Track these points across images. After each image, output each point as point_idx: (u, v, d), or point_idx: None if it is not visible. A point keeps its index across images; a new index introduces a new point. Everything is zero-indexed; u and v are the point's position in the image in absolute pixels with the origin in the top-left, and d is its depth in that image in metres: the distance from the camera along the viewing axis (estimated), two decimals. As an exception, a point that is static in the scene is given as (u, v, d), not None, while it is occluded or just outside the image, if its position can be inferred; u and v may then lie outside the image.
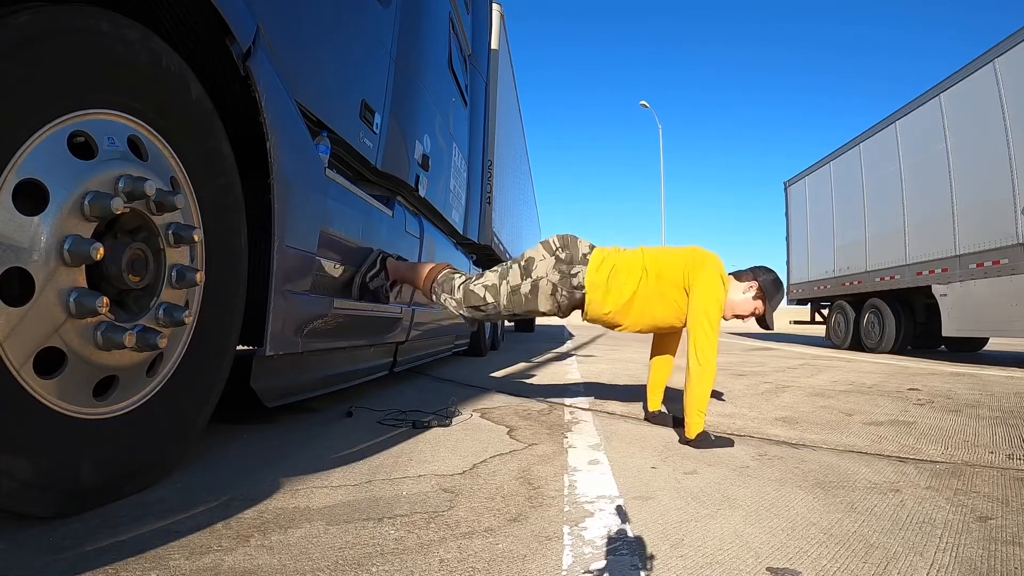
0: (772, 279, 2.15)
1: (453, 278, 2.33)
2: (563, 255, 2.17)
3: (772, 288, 2.14)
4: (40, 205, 0.99)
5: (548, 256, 2.19)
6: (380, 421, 2.23)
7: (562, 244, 2.20)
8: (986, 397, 3.39)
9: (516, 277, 2.20)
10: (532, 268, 2.19)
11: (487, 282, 2.24)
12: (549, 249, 2.21)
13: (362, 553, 1.02)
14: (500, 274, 2.25)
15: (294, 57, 1.76)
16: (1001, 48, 5.99)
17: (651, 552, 1.07)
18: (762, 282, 2.13)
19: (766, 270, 2.19)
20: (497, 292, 2.21)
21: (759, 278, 2.14)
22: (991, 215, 6.05)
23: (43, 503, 1.03)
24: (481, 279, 2.27)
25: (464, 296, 2.25)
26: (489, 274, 2.28)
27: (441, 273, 2.35)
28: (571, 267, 2.16)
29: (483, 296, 2.23)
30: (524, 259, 2.24)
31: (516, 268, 2.22)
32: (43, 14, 0.98)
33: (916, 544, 1.13)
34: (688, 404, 1.95)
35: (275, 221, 1.58)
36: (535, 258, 2.22)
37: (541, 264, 2.19)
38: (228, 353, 1.55)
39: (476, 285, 2.25)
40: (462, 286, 2.28)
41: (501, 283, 2.21)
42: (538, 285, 2.17)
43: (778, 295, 2.17)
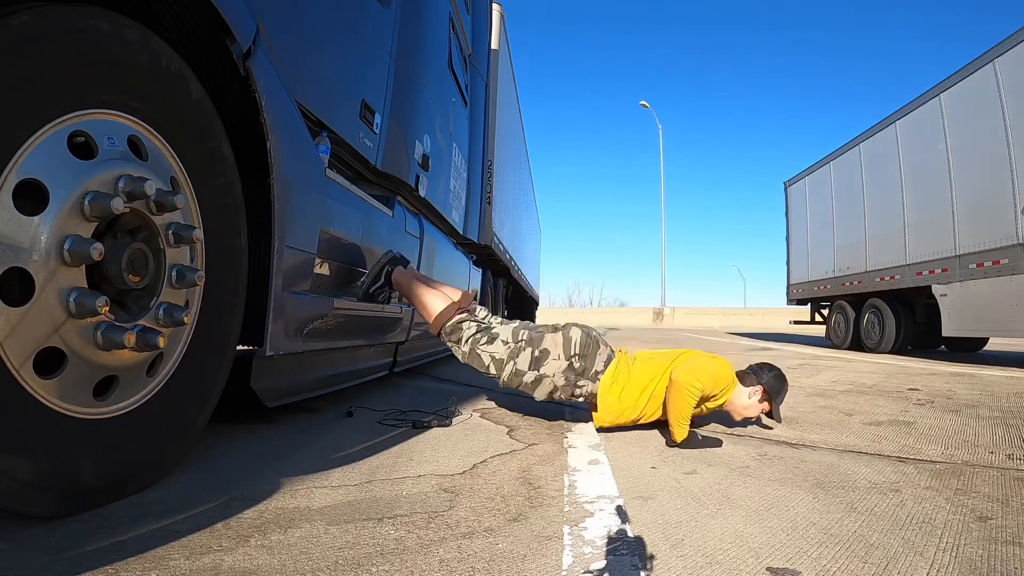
0: (775, 376, 2.17)
1: (462, 328, 2.23)
2: (577, 364, 2.13)
3: (776, 386, 2.16)
4: (40, 205, 0.99)
5: (563, 359, 2.14)
6: (380, 421, 2.23)
7: (581, 352, 2.14)
8: (986, 397, 3.39)
9: (524, 364, 2.15)
10: (543, 363, 2.14)
11: (495, 354, 2.17)
12: (567, 351, 2.14)
13: (362, 553, 1.02)
14: (510, 352, 2.16)
15: (294, 57, 1.76)
16: (1001, 48, 5.99)
17: (651, 552, 1.07)
18: (766, 384, 2.15)
19: (768, 368, 2.20)
20: (501, 368, 2.16)
21: (763, 380, 2.15)
22: (991, 215, 6.04)
23: (43, 503, 1.03)
24: (490, 347, 2.17)
25: (470, 353, 2.21)
26: (499, 344, 2.17)
27: (451, 321, 2.24)
28: (579, 379, 2.14)
29: (487, 365, 2.18)
30: (539, 348, 2.15)
31: (527, 354, 2.15)
32: (43, 14, 0.98)
33: (916, 544, 1.13)
34: (671, 418, 1.97)
35: (275, 221, 1.58)
36: (549, 353, 2.15)
37: (553, 363, 2.14)
38: (228, 353, 1.55)
39: (483, 351, 2.18)
40: (470, 342, 2.20)
41: (508, 362, 2.15)
42: (541, 381, 2.15)
43: (783, 391, 2.19)
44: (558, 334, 2.19)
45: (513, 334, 2.20)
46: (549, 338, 2.18)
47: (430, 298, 2.33)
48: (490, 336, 2.20)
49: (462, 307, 2.28)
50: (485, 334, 2.21)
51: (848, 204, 9.35)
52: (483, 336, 2.20)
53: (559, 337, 2.17)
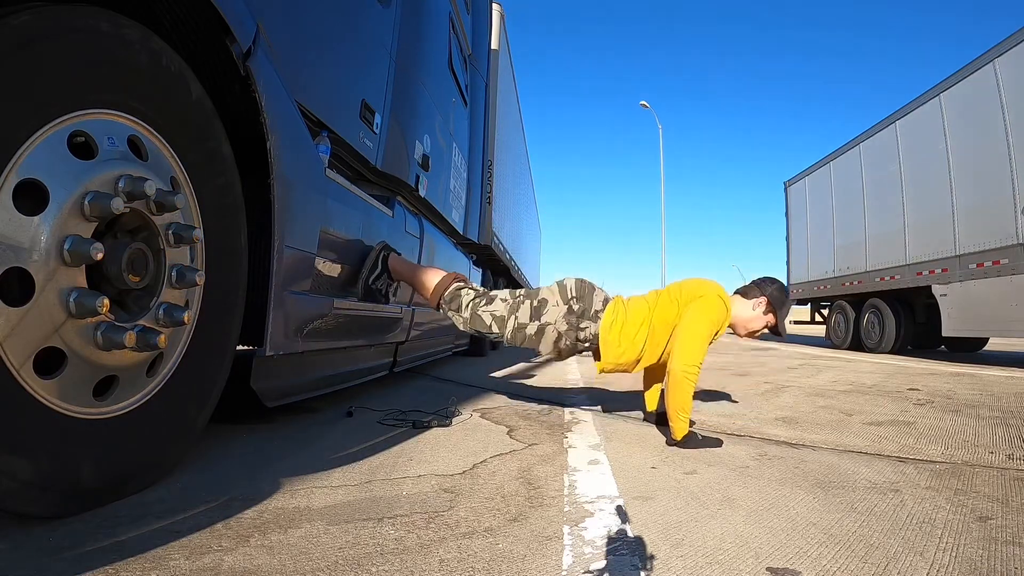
0: (778, 288, 2.18)
1: (461, 295, 2.28)
2: (576, 307, 2.16)
3: (780, 298, 2.16)
4: (40, 205, 0.99)
5: (561, 304, 2.18)
6: (380, 421, 2.23)
7: (578, 294, 2.18)
8: (986, 397, 3.39)
9: (525, 316, 2.18)
10: (543, 311, 2.18)
11: (496, 311, 2.21)
12: (564, 296, 2.19)
13: (362, 553, 1.02)
14: (510, 307, 2.21)
15: (294, 57, 1.76)
16: (1001, 48, 5.99)
17: (651, 552, 1.07)
18: (769, 295, 2.15)
19: (771, 280, 2.21)
20: (504, 324, 2.20)
21: (766, 291, 2.16)
22: (991, 215, 6.04)
23: (43, 503, 1.03)
24: (490, 306, 2.23)
25: (471, 318, 2.24)
26: (499, 303, 2.23)
27: (449, 289, 2.30)
28: (580, 320, 2.16)
29: (489, 325, 2.21)
30: (537, 299, 2.21)
31: (527, 306, 2.20)
32: (43, 14, 0.98)
33: (916, 544, 1.13)
34: (670, 410, 1.96)
35: (275, 221, 1.58)
36: (548, 301, 2.19)
37: (553, 310, 2.17)
38: (228, 353, 1.55)
39: (484, 311, 2.22)
40: (470, 306, 2.25)
41: (509, 317, 2.19)
42: (544, 330, 2.17)
43: (787, 303, 2.20)
44: (553, 285, 2.27)
45: (511, 294, 2.29)
46: (546, 290, 2.26)
47: (427, 273, 2.43)
48: (488, 298, 2.27)
49: (459, 278, 2.37)
50: (484, 297, 2.28)
51: (848, 204, 9.35)
52: (482, 299, 2.27)
53: (555, 286, 2.26)
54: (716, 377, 4.33)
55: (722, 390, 3.51)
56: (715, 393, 3.35)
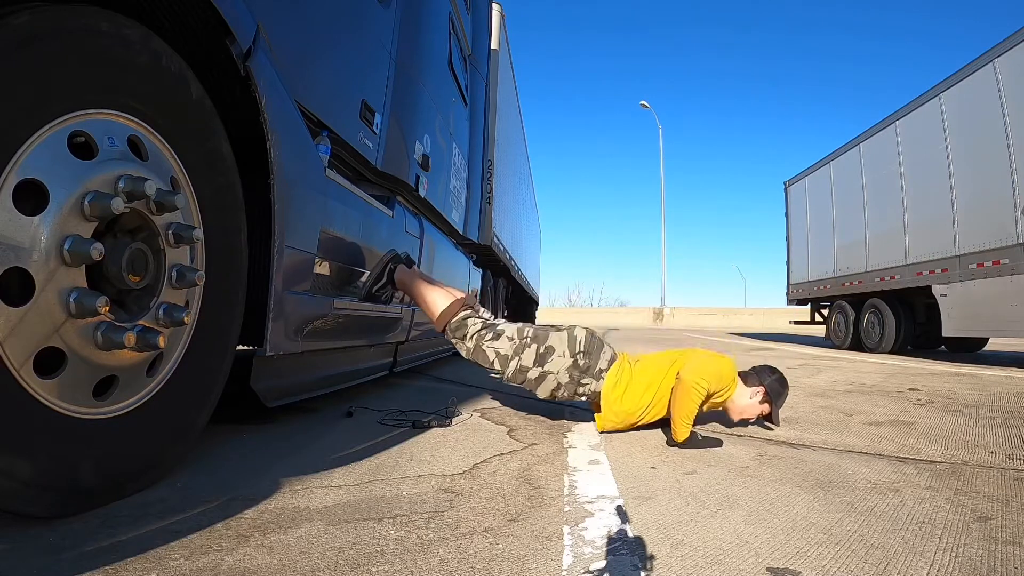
0: (777, 379, 2.18)
1: (467, 325, 2.24)
2: (582, 362, 2.14)
3: (778, 389, 2.17)
4: (40, 205, 0.99)
5: (568, 356, 2.15)
6: (380, 421, 2.23)
7: (586, 350, 2.15)
8: (986, 397, 3.39)
9: (529, 360, 2.16)
10: (547, 359, 2.15)
11: (500, 349, 2.18)
12: (572, 348, 2.15)
13: (362, 553, 1.02)
14: (515, 348, 2.17)
15: (294, 57, 1.76)
16: (1001, 48, 5.99)
17: (651, 552, 1.07)
18: (768, 385, 2.15)
19: (771, 371, 2.20)
20: (506, 364, 2.18)
21: (764, 382, 2.16)
22: (991, 215, 6.04)
23: (43, 503, 1.03)
24: (495, 343, 2.19)
25: (474, 350, 2.22)
26: (504, 340, 2.19)
27: (456, 317, 2.26)
28: (583, 376, 2.15)
29: (492, 361, 2.20)
30: (544, 345, 2.17)
31: (532, 350, 2.16)
32: (43, 14, 0.98)
33: (916, 544, 1.13)
34: (674, 416, 1.96)
35: (275, 221, 1.58)
36: (554, 350, 2.16)
37: (557, 360, 2.15)
38: (228, 353, 1.55)
39: (489, 347, 2.19)
40: (475, 338, 2.22)
41: (513, 358, 2.17)
42: (545, 377, 2.15)
43: (783, 394, 2.20)
44: (563, 332, 2.21)
45: (518, 331, 2.22)
46: (555, 336, 2.20)
47: (435, 296, 2.35)
48: (495, 333, 2.22)
49: (467, 304, 2.30)
50: (490, 331, 2.23)
51: (848, 204, 9.35)
52: (488, 332, 2.22)
53: (564, 335, 2.19)
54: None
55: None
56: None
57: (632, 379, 2.13)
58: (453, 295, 2.35)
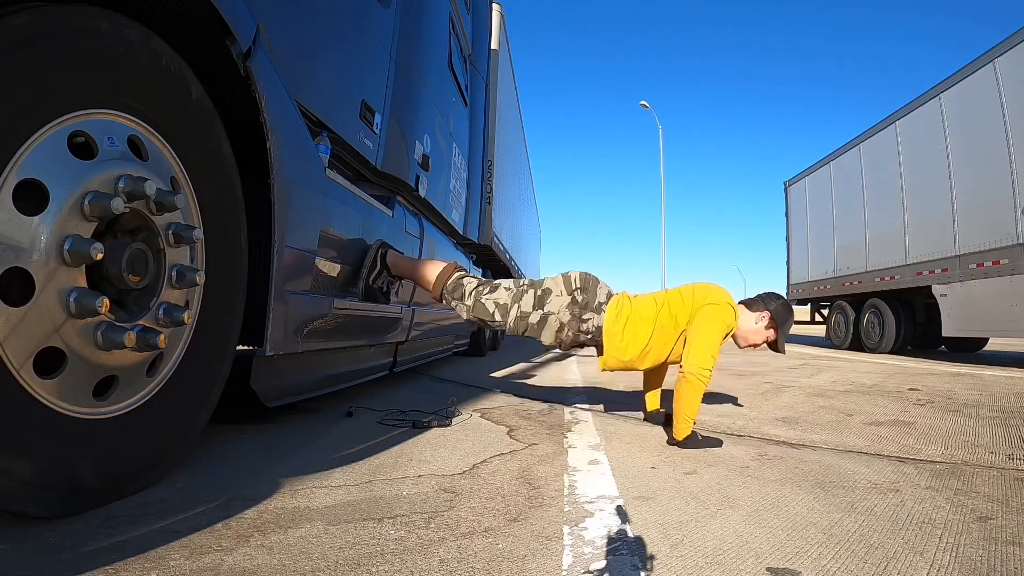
0: (782, 304, 2.19)
1: (463, 284, 2.29)
2: (580, 298, 2.16)
3: (783, 315, 2.17)
4: (40, 205, 0.99)
5: (565, 294, 2.18)
6: (380, 421, 2.23)
7: (582, 286, 2.18)
8: (986, 397, 3.39)
9: (528, 305, 2.18)
10: (546, 300, 2.18)
11: (499, 299, 2.22)
12: (568, 287, 2.19)
13: (362, 553, 1.02)
14: (513, 295, 2.21)
15: (294, 57, 1.76)
16: (1001, 48, 5.99)
17: (651, 552, 1.07)
18: (773, 311, 2.16)
19: (775, 296, 2.22)
20: (506, 312, 2.21)
21: (770, 307, 2.17)
22: (991, 215, 6.04)
23: (43, 503, 1.03)
24: (494, 294, 2.24)
25: (474, 306, 2.25)
26: (502, 291, 2.24)
27: (451, 278, 2.31)
28: (584, 311, 2.16)
29: (492, 312, 2.22)
30: (541, 288, 2.21)
31: (530, 295, 2.20)
32: (43, 14, 0.98)
33: (916, 544, 1.13)
34: (678, 411, 1.95)
35: (275, 221, 1.58)
36: (551, 291, 2.19)
37: (556, 300, 2.17)
38: (228, 353, 1.55)
39: (487, 299, 2.23)
40: (473, 294, 2.26)
41: (512, 305, 2.20)
42: (547, 319, 2.17)
43: (789, 320, 2.20)
44: (558, 276, 2.28)
45: (514, 282, 2.29)
46: (549, 280, 2.27)
47: (428, 265, 2.45)
48: (492, 286, 2.28)
49: (459, 267, 2.39)
50: (487, 285, 2.30)
51: (848, 204, 9.35)
52: (485, 287, 2.29)
53: (559, 277, 2.26)
54: (716, 377, 4.32)
55: (722, 390, 3.51)
56: (715, 393, 3.35)
57: (633, 312, 2.14)
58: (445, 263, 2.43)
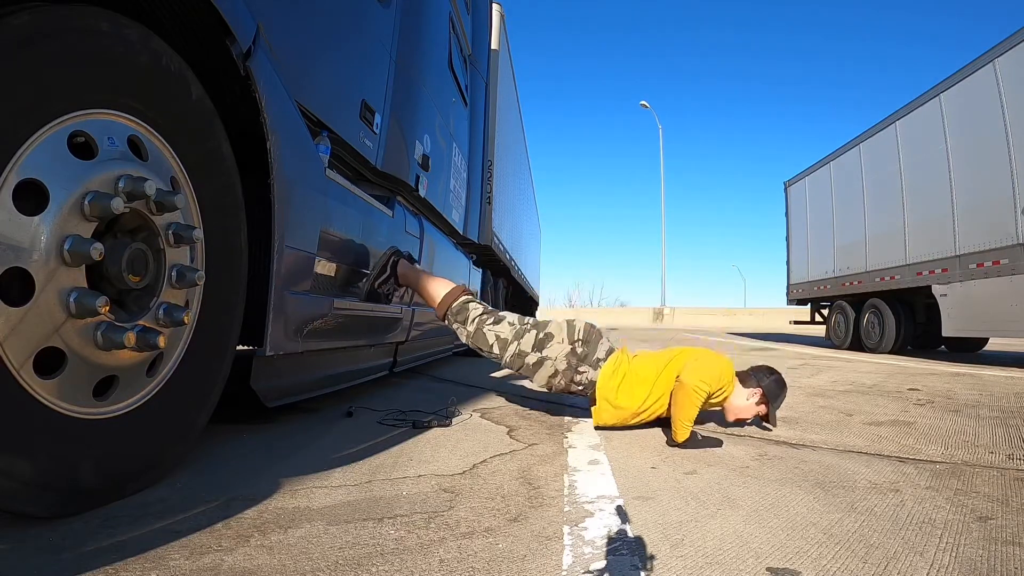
0: (775, 381, 2.18)
1: (468, 309, 2.30)
2: (579, 349, 2.17)
3: (775, 391, 2.18)
4: (40, 205, 0.99)
5: (566, 342, 2.18)
6: (380, 421, 2.23)
7: (585, 338, 2.19)
8: (986, 397, 3.39)
9: (528, 345, 2.19)
10: (546, 345, 2.19)
11: (500, 333, 2.23)
12: (571, 336, 2.20)
13: (362, 553, 1.02)
14: (515, 332, 2.22)
15: (294, 57, 1.76)
16: (1001, 48, 5.98)
17: (651, 552, 1.07)
18: (766, 387, 2.16)
19: (769, 371, 2.21)
20: (505, 348, 2.22)
21: (762, 383, 2.16)
22: (991, 215, 6.04)
23: (43, 503, 1.03)
24: (496, 327, 2.24)
25: (475, 333, 2.26)
26: (505, 325, 2.25)
27: (458, 301, 2.32)
28: (581, 363, 2.17)
29: (491, 344, 2.24)
30: (543, 332, 2.22)
31: (531, 335, 2.21)
32: (43, 14, 0.98)
33: (916, 544, 1.13)
34: (675, 417, 1.96)
35: (275, 221, 1.58)
36: (553, 336, 2.20)
37: (556, 346, 2.18)
38: (228, 353, 1.55)
39: (489, 330, 2.24)
40: (476, 322, 2.27)
41: (512, 342, 2.21)
42: (543, 363, 2.18)
43: (781, 396, 2.21)
44: (563, 321, 2.28)
45: (519, 319, 2.29)
46: (554, 323, 2.27)
47: (436, 283, 2.46)
48: (496, 318, 2.29)
49: (468, 291, 2.40)
50: (491, 315, 2.30)
51: (848, 204, 9.35)
52: (489, 317, 2.29)
53: (563, 324, 2.26)
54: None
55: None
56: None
57: (630, 371, 2.14)
58: (454, 283, 2.44)
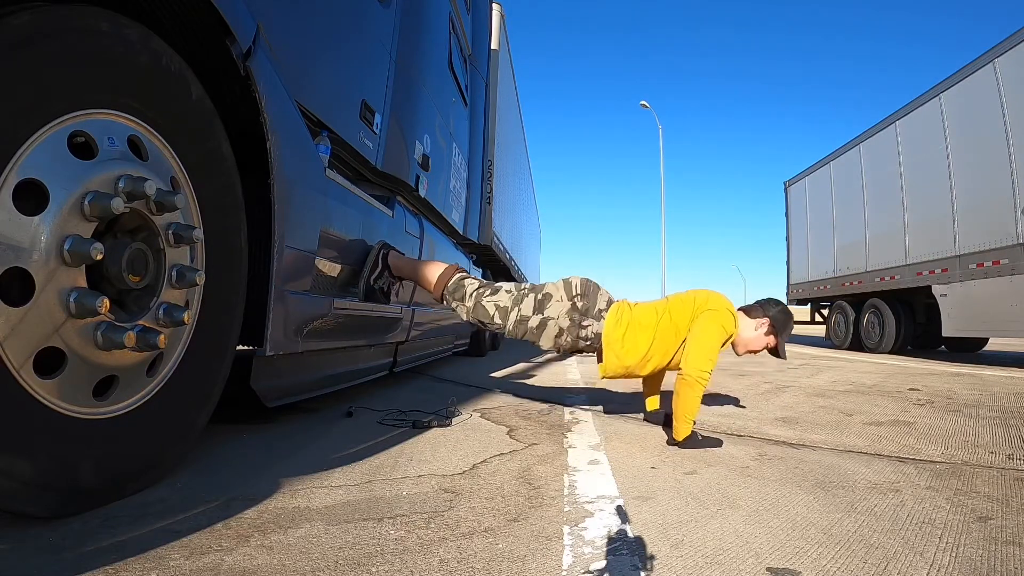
0: (781, 311, 2.18)
1: (464, 285, 2.30)
2: (580, 304, 2.17)
3: (783, 320, 2.17)
4: (40, 205, 0.99)
5: (565, 299, 2.18)
6: (380, 421, 2.23)
7: (583, 292, 2.19)
8: (986, 397, 3.39)
9: (528, 309, 2.19)
10: (546, 305, 2.18)
11: (499, 302, 2.22)
12: (568, 292, 2.19)
13: (362, 553, 1.02)
14: (514, 299, 2.22)
15: (294, 57, 1.76)
16: (1001, 48, 5.99)
17: (651, 552, 1.07)
18: (772, 317, 2.16)
19: (775, 303, 2.21)
20: (506, 315, 2.21)
21: (769, 313, 2.17)
22: (991, 215, 6.04)
23: (43, 503, 1.03)
24: (494, 296, 2.24)
25: (474, 307, 2.26)
26: (503, 293, 2.25)
27: (452, 279, 2.32)
28: (583, 318, 2.16)
29: (492, 315, 2.23)
30: (541, 293, 2.21)
31: (531, 299, 2.21)
32: (43, 14, 0.98)
33: (916, 544, 1.13)
34: (677, 412, 1.95)
35: (275, 221, 1.58)
36: (552, 295, 2.20)
37: (556, 305, 2.18)
38: (228, 353, 1.55)
39: (488, 301, 2.24)
40: (474, 296, 2.26)
41: (512, 308, 2.20)
42: (546, 324, 2.17)
43: (788, 326, 2.20)
44: (559, 281, 2.29)
45: (515, 286, 2.30)
46: (551, 285, 2.27)
47: (429, 267, 2.46)
48: (493, 288, 2.29)
49: (460, 268, 2.40)
50: (488, 287, 2.30)
51: (848, 204, 9.35)
52: (486, 289, 2.29)
53: (560, 283, 2.27)
54: (716, 377, 4.32)
55: (722, 390, 3.51)
56: (715, 393, 3.35)
57: (633, 319, 2.14)
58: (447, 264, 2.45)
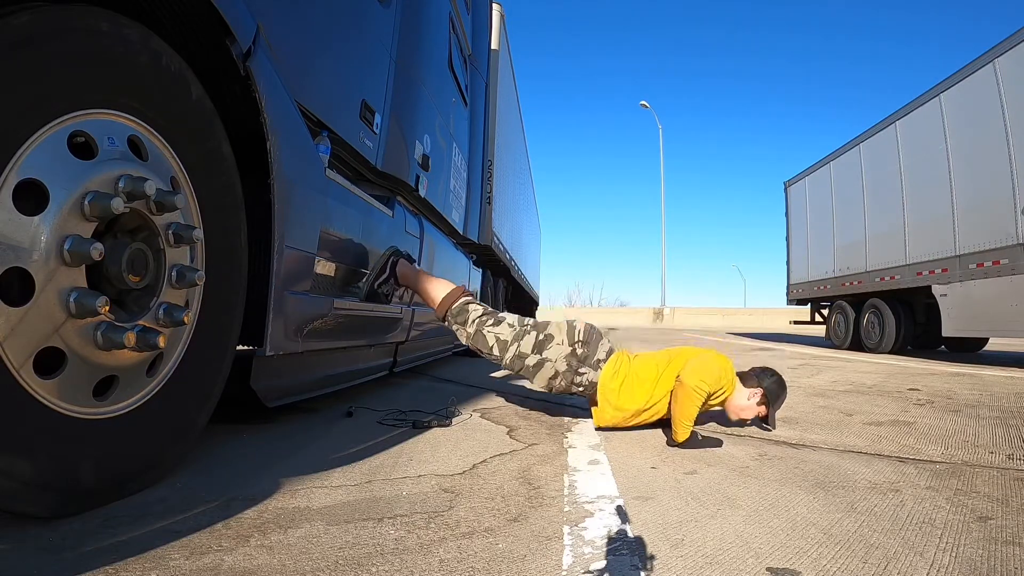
0: (776, 382, 2.18)
1: (468, 310, 2.29)
2: (580, 351, 2.17)
3: (776, 391, 2.18)
4: (40, 205, 0.99)
5: (566, 344, 2.18)
6: (380, 421, 2.23)
7: (585, 339, 2.18)
8: (986, 397, 3.39)
9: (528, 347, 2.19)
10: (546, 346, 2.18)
11: (500, 335, 2.22)
12: (571, 337, 2.19)
13: (362, 553, 1.02)
14: (515, 334, 2.21)
15: (294, 57, 1.76)
16: (1001, 48, 5.98)
17: (651, 552, 1.07)
18: (766, 388, 2.16)
19: (771, 373, 2.21)
20: (505, 349, 2.21)
21: (764, 384, 2.16)
22: (991, 215, 6.04)
23: (43, 503, 1.03)
24: (496, 328, 2.23)
25: (475, 335, 2.25)
26: (505, 326, 2.24)
27: (458, 302, 2.31)
28: (581, 366, 2.16)
29: (491, 346, 2.23)
30: (544, 332, 2.21)
31: (532, 337, 2.20)
32: (43, 14, 0.98)
33: (916, 544, 1.13)
34: (675, 417, 1.96)
35: (275, 221, 1.58)
36: (553, 337, 2.20)
37: (556, 348, 2.17)
38: (228, 353, 1.55)
39: (489, 332, 2.23)
40: (476, 323, 2.26)
41: (512, 343, 2.20)
42: (543, 365, 2.17)
43: (781, 398, 2.21)
44: (563, 322, 2.27)
45: (519, 320, 2.29)
46: (554, 325, 2.26)
47: (436, 284, 2.45)
48: (496, 319, 2.28)
49: (468, 292, 2.39)
50: (491, 317, 2.29)
51: (848, 204, 9.35)
52: (489, 319, 2.28)
53: (564, 325, 2.26)
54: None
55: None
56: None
57: (631, 372, 2.14)
58: (454, 285, 2.43)
